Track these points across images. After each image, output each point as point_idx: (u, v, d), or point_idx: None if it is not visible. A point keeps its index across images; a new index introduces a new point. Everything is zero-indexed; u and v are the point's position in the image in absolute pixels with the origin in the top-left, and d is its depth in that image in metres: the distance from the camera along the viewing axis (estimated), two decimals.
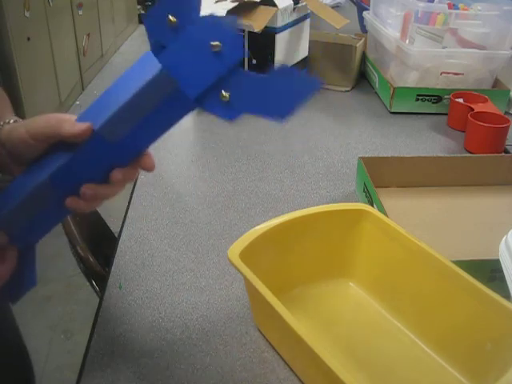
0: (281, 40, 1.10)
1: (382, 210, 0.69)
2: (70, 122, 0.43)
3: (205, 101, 0.42)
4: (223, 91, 0.42)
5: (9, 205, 0.46)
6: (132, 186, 0.86)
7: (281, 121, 0.42)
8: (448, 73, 1.11)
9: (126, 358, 0.56)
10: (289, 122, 1.09)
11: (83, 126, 0.43)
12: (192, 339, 0.58)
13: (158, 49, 0.42)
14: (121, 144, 0.43)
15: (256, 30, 1.03)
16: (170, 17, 0.41)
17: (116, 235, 0.78)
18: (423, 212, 0.81)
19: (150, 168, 0.46)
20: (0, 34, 2.22)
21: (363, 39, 1.29)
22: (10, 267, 0.47)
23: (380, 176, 0.81)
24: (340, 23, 1.17)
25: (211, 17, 0.41)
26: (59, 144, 0.44)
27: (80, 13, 3.18)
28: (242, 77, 0.42)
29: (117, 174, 0.45)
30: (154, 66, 0.41)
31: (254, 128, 1.05)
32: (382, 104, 1.18)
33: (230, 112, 0.42)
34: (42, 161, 0.45)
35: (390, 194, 0.83)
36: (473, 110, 1.01)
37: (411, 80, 1.13)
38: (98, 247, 0.88)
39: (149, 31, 0.42)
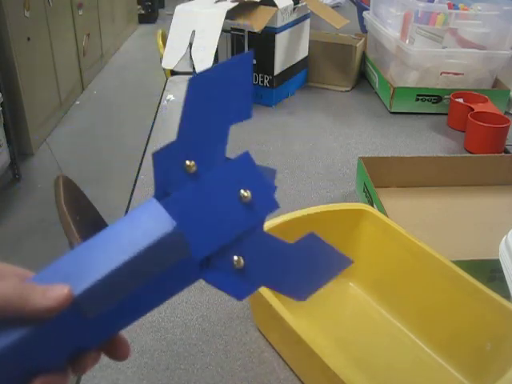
0: (281, 40, 1.10)
1: (382, 210, 0.69)
2: (40, 291, 0.29)
3: (211, 268, 0.34)
4: (235, 256, 0.33)
5: None
6: (132, 186, 0.86)
7: (301, 300, 0.35)
8: (448, 73, 1.11)
9: None
10: (288, 122, 1.09)
11: (61, 292, 0.29)
12: (192, 339, 0.58)
13: (162, 195, 0.33)
14: (97, 321, 0.31)
15: (256, 30, 1.03)
16: (187, 161, 0.33)
17: None
18: (423, 212, 0.81)
19: (124, 356, 0.34)
20: (0, 34, 2.22)
21: (363, 39, 1.28)
22: None
23: (380, 176, 0.81)
24: (340, 23, 1.17)
25: (245, 158, 0.34)
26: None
27: (80, 13, 3.18)
28: (262, 239, 0.34)
29: (86, 362, 0.32)
30: (164, 222, 0.32)
31: (254, 128, 1.05)
32: (382, 104, 1.18)
33: (240, 285, 0.34)
34: None
35: (390, 194, 0.83)
36: (473, 109, 1.01)
37: (411, 80, 1.13)
38: None
39: (157, 175, 0.33)
